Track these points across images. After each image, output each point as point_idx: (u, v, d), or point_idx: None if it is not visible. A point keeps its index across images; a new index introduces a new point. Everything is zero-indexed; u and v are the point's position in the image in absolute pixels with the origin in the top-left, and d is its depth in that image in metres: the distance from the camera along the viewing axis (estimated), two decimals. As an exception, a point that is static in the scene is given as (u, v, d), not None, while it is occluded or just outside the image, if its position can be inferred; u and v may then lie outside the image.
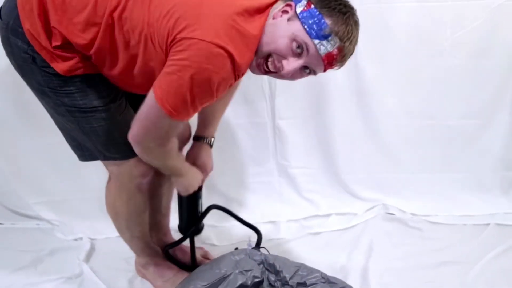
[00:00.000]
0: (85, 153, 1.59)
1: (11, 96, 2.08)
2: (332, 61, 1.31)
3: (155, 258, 1.84)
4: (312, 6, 1.28)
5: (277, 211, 2.32)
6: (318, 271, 1.49)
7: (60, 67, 1.37)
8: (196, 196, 1.72)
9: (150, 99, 1.31)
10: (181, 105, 1.28)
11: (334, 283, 1.45)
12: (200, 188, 1.73)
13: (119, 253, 1.98)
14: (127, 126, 1.43)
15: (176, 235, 1.91)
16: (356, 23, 1.33)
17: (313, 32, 1.26)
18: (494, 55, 2.14)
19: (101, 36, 1.32)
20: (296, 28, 1.28)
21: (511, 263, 1.91)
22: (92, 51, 1.35)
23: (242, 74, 1.34)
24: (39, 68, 1.38)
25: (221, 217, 1.98)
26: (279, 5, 1.34)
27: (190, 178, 1.66)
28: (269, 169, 2.37)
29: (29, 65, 1.39)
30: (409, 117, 2.27)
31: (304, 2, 1.30)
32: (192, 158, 1.74)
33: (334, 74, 2.15)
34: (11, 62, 1.45)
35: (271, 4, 1.34)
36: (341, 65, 1.37)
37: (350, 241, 2.11)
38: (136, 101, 1.48)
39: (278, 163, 2.37)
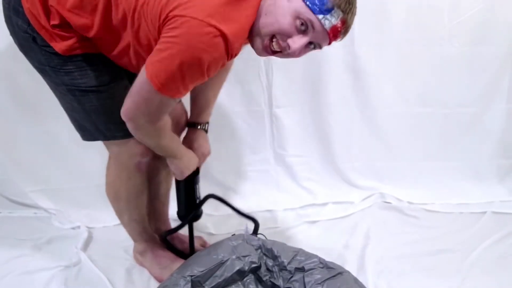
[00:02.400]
0: (85, 133, 1.60)
1: (7, 84, 2.08)
2: (337, 33, 1.30)
3: (152, 245, 1.85)
4: None
5: (274, 199, 2.33)
6: (316, 256, 1.49)
7: (59, 46, 1.38)
8: (193, 180, 1.72)
9: (142, 75, 1.30)
10: (172, 82, 1.28)
11: (332, 268, 1.45)
12: (197, 173, 1.72)
13: (117, 242, 2.00)
14: None
15: (175, 224, 1.91)
16: None
17: (316, 7, 1.25)
18: (491, 43, 2.14)
19: (98, 15, 1.33)
20: (298, 5, 1.27)
21: (508, 250, 1.92)
22: (91, 32, 1.36)
23: (236, 54, 1.33)
24: (40, 47, 1.40)
25: (218, 206, 1.97)
26: None
27: (186, 161, 1.65)
28: (266, 157, 2.37)
29: (30, 44, 1.41)
30: (406, 105, 2.27)
31: None
32: (188, 143, 1.73)
33: (331, 64, 2.17)
34: (14, 41, 1.46)
35: None
36: (344, 36, 1.35)
37: (347, 229, 2.11)
38: None
39: (275, 151, 2.37)
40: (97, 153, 1.65)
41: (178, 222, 1.80)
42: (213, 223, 2.14)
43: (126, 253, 1.96)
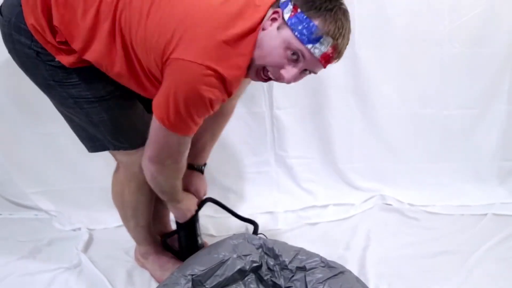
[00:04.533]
0: (96, 144, 1.59)
1: (9, 86, 2.08)
2: (329, 59, 1.31)
3: (155, 247, 1.85)
4: (299, 10, 1.26)
5: (274, 201, 2.33)
6: (317, 255, 1.49)
7: (66, 59, 1.37)
8: (193, 220, 1.76)
9: (154, 121, 1.35)
10: (181, 122, 1.33)
11: (333, 267, 1.45)
12: (196, 213, 1.76)
13: (117, 243, 2.00)
14: (135, 115, 1.45)
15: (174, 225, 1.92)
16: (345, 14, 1.30)
17: (304, 37, 1.26)
18: (492, 44, 2.14)
19: (101, 41, 1.33)
20: (288, 36, 1.27)
21: (508, 253, 1.92)
22: (89, 55, 1.36)
23: (233, 91, 1.35)
24: (44, 62, 1.39)
25: (218, 208, 1.97)
26: (267, 14, 1.33)
27: (188, 203, 1.71)
28: (267, 159, 2.37)
29: (33, 60, 1.39)
30: (407, 107, 2.27)
31: (290, 7, 1.28)
32: (185, 185, 1.73)
33: (332, 65, 2.16)
34: (14, 59, 1.45)
35: (262, 19, 1.33)
36: (339, 59, 1.36)
37: (347, 231, 2.11)
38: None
39: (275, 153, 2.37)
40: (98, 155, 1.65)
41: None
42: (214, 225, 2.14)
43: (127, 255, 1.96)
